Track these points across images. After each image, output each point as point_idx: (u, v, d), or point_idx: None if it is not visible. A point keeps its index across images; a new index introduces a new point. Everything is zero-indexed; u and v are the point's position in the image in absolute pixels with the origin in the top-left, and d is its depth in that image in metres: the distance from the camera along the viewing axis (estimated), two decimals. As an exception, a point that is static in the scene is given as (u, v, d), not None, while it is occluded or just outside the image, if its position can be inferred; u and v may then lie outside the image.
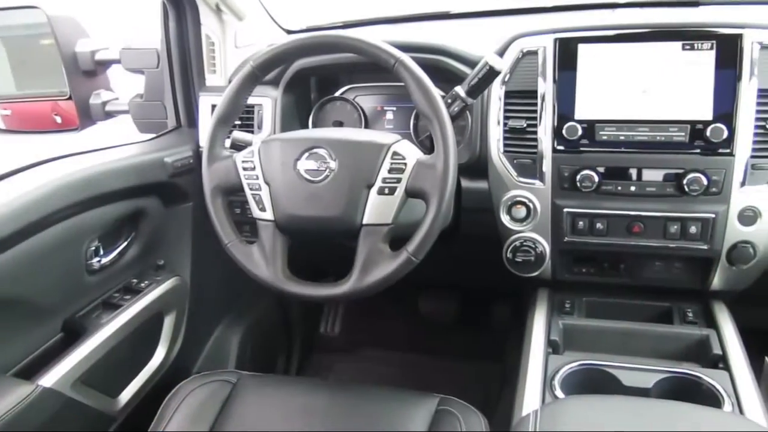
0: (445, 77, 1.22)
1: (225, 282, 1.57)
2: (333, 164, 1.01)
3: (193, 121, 1.46)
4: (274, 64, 1.09)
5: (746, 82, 1.09)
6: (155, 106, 1.48)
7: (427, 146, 1.24)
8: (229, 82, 1.28)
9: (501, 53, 1.22)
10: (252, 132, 1.37)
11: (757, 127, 1.10)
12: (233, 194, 1.09)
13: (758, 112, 1.10)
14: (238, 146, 1.15)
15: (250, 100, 1.16)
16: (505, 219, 1.22)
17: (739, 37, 1.10)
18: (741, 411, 0.96)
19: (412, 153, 1.01)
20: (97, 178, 1.15)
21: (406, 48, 1.07)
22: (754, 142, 1.10)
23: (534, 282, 1.30)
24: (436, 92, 0.99)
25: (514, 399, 1.04)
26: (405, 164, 0.99)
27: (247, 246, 1.06)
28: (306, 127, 1.42)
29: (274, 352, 1.89)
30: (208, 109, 1.40)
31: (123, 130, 1.53)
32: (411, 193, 1.00)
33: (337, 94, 1.43)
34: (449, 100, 1.08)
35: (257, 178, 1.05)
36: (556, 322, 1.20)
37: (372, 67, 1.04)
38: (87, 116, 1.46)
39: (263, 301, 1.79)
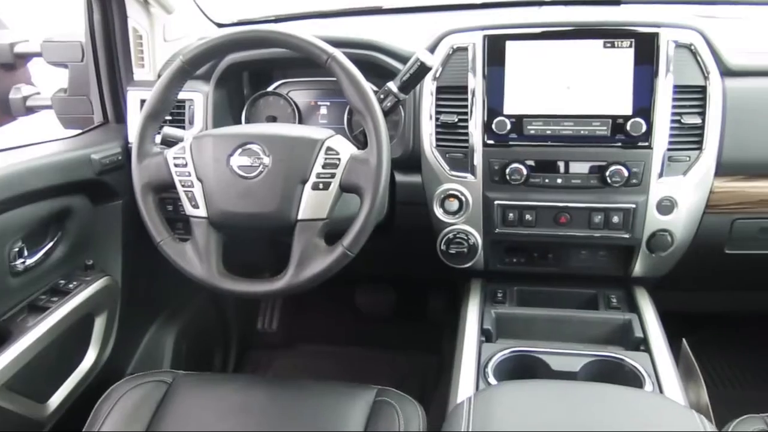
0: (378, 73, 1.23)
1: (158, 281, 1.53)
2: (267, 160, 1.01)
3: (121, 117, 1.42)
4: (205, 58, 1.08)
5: (663, 78, 1.15)
6: (80, 101, 1.44)
7: (361, 141, 1.26)
8: (159, 76, 1.26)
9: (432, 49, 1.24)
10: (183, 128, 1.34)
11: (673, 121, 1.16)
12: (165, 191, 1.08)
13: (674, 107, 1.16)
14: (168, 142, 1.13)
15: (181, 95, 1.14)
16: (438, 212, 1.25)
17: (656, 35, 1.16)
18: (661, 390, 1.02)
19: (345, 148, 1.02)
20: (20, 177, 1.11)
21: (338, 43, 1.07)
22: (671, 136, 1.16)
23: (467, 273, 1.33)
24: (369, 88, 1.00)
25: (449, 387, 1.07)
26: (339, 159, 1.00)
27: (180, 244, 1.05)
28: (239, 122, 1.41)
29: (210, 350, 1.86)
30: (137, 104, 1.37)
31: (46, 126, 1.47)
32: (345, 188, 1.01)
33: (270, 88, 1.42)
34: (382, 96, 1.09)
35: (189, 175, 1.03)
36: (489, 311, 1.23)
37: (305, 62, 1.04)
38: (6, 112, 1.40)
39: (198, 299, 1.77)
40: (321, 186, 1.00)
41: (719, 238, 1.26)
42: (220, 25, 1.64)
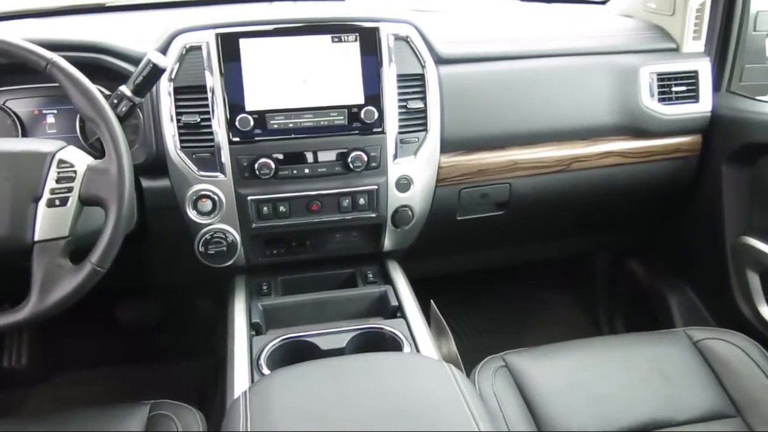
0: (108, 76, 1.17)
1: None
2: None
3: None
4: None
5: (387, 68, 1.26)
6: None
7: (99, 149, 1.19)
8: None
9: (164, 50, 1.20)
10: None
11: (400, 107, 1.27)
12: None
13: (399, 94, 1.27)
14: None
15: None
16: (192, 214, 1.23)
17: (377, 29, 1.26)
18: (417, 350, 1.12)
19: (80, 159, 0.96)
20: None
21: (58, 47, 1.01)
22: (400, 120, 1.28)
23: (230, 270, 1.33)
24: (98, 93, 0.96)
25: (226, 386, 1.07)
26: (74, 172, 0.94)
27: None
28: None
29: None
30: None
31: None
32: (86, 201, 0.95)
33: (-20, 99, 1.26)
34: (115, 101, 1.04)
35: None
36: (256, 305, 1.25)
37: (22, 67, 0.96)
38: None
39: None
40: (57, 202, 0.93)
41: (451, 207, 1.43)
42: None
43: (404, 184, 1.30)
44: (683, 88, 1.49)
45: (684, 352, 1.25)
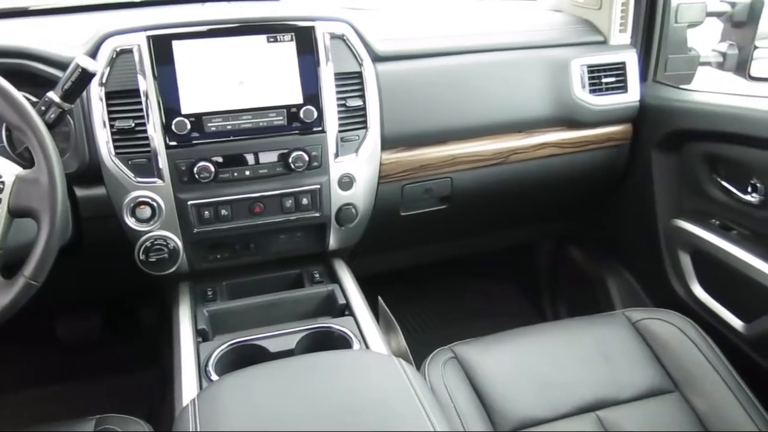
0: (35, 82, 1.13)
1: None
2: None
3: None
4: None
5: (324, 67, 1.25)
6: None
7: (28, 159, 1.14)
8: None
9: (92, 54, 1.17)
10: None
11: (339, 105, 1.27)
12: None
13: (338, 92, 1.27)
14: None
15: None
16: (130, 222, 1.19)
17: (312, 28, 1.25)
18: (367, 346, 1.13)
19: (8, 169, 0.93)
20: None
21: (-22, 53, 0.96)
22: (340, 119, 1.28)
23: (173, 277, 1.31)
24: (24, 100, 0.92)
25: (174, 396, 1.05)
26: (2, 183, 0.91)
27: None
28: None
29: None
30: None
31: None
32: (16, 213, 0.92)
33: None
34: (43, 108, 1.01)
35: None
36: (201, 311, 1.23)
37: None
38: None
39: None
40: None
41: (394, 204, 1.44)
42: None
43: (347, 183, 1.30)
44: (612, 79, 1.54)
45: (624, 333, 1.30)
